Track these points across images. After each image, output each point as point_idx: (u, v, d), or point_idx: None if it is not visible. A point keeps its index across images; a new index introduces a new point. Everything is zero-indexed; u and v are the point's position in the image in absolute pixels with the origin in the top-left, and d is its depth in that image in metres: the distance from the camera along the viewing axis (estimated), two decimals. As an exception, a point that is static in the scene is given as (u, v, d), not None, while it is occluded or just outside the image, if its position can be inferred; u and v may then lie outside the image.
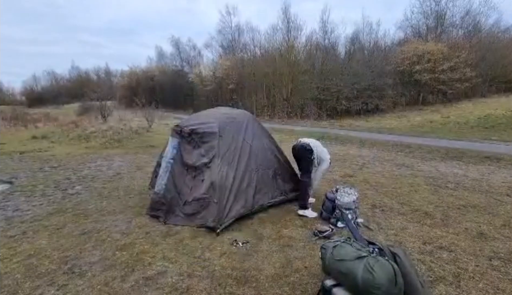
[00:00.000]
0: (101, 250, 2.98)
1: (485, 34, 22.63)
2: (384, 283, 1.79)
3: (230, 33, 32.71)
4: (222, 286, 2.38)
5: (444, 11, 22.92)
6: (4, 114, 21.48)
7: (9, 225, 3.65)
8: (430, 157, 7.46)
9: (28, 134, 12.79)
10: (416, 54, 20.13)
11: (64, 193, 4.96)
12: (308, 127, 15.81)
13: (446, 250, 2.87)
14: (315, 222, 3.57)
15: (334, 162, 7.04)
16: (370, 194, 4.60)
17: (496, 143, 9.18)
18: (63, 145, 10.38)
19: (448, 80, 19.37)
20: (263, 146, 4.08)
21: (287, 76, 23.49)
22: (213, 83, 29.74)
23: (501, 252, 2.82)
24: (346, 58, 24.77)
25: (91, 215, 3.96)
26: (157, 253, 2.91)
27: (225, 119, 3.90)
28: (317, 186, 4.19)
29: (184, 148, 3.78)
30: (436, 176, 5.65)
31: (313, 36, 25.79)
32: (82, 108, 25.21)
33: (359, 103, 19.85)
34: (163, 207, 3.67)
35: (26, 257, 2.86)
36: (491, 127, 12.22)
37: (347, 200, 3.49)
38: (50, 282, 2.47)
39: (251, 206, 3.63)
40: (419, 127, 13.93)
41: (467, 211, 3.88)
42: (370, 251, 2.04)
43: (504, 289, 2.29)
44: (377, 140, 10.21)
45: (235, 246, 3.02)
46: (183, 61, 40.99)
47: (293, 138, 11.43)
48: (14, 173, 6.23)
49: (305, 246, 3.01)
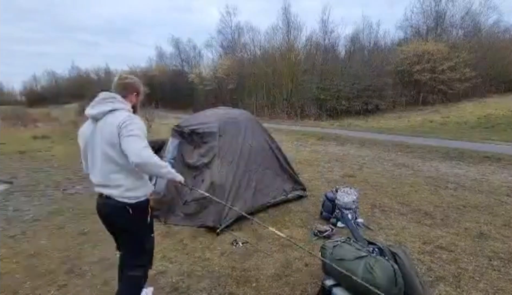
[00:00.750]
0: (101, 250, 2.98)
1: (485, 34, 22.65)
2: (384, 283, 1.79)
3: (230, 33, 32.78)
4: (222, 286, 2.38)
5: (444, 11, 22.97)
6: (4, 114, 21.46)
7: (9, 225, 3.65)
8: (430, 157, 7.46)
9: (28, 134, 12.78)
10: (416, 54, 20.13)
11: (64, 193, 4.96)
12: (308, 127, 15.82)
13: (446, 250, 2.87)
14: (315, 222, 3.57)
15: (334, 162, 7.05)
16: (370, 194, 4.60)
17: (496, 143, 9.17)
18: (63, 145, 10.37)
19: (448, 80, 19.37)
20: (263, 146, 4.08)
21: (287, 76, 23.49)
22: (213, 83, 29.74)
23: (501, 252, 2.82)
24: (346, 58, 24.77)
25: (91, 215, 3.95)
26: (157, 253, 2.90)
27: (225, 119, 3.90)
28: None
29: (184, 148, 3.78)
30: (436, 176, 5.65)
31: (313, 36, 25.86)
32: (82, 108, 25.22)
33: (359, 103, 19.85)
34: (163, 207, 3.67)
35: (26, 257, 2.86)
36: (491, 127, 12.22)
37: (347, 200, 3.49)
38: (50, 282, 2.47)
39: (251, 206, 3.63)
40: (419, 127, 13.93)
41: (467, 211, 3.88)
42: (370, 251, 2.04)
43: (504, 289, 2.29)
44: (377, 140, 10.20)
45: (235, 246, 3.02)
46: (183, 61, 41.02)
47: (293, 138, 11.48)
48: (14, 173, 6.23)
49: (305, 246, 3.00)
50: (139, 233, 1.87)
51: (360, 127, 15.12)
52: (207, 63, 35.18)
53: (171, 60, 42.42)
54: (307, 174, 5.88)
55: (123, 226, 1.81)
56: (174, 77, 37.22)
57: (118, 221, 1.81)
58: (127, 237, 1.87)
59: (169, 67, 41.39)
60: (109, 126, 1.68)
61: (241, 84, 27.25)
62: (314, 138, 11.49)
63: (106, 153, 1.69)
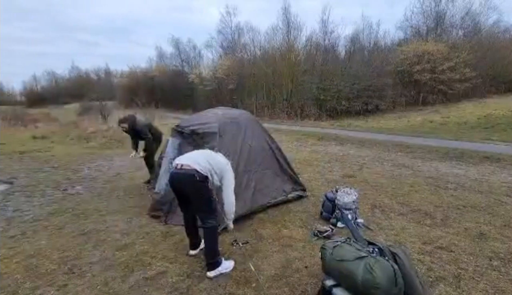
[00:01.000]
0: (101, 250, 2.98)
1: (485, 34, 22.63)
2: (384, 283, 1.79)
3: (230, 33, 32.73)
4: (222, 286, 2.38)
5: (444, 11, 22.94)
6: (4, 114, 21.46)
7: (9, 225, 3.66)
8: (430, 157, 7.46)
9: (28, 134, 12.78)
10: (416, 54, 20.11)
11: (64, 193, 4.96)
12: (308, 128, 15.81)
13: (446, 250, 2.87)
14: (315, 222, 3.57)
15: (334, 162, 7.05)
16: (370, 194, 4.60)
17: (496, 143, 9.17)
18: (63, 146, 10.38)
19: (448, 80, 19.36)
20: (262, 146, 4.08)
21: (287, 76, 23.47)
22: (213, 83, 29.70)
23: (501, 252, 2.82)
24: (346, 58, 24.74)
25: (91, 215, 3.96)
26: (157, 253, 2.91)
27: (225, 119, 3.90)
28: (231, 210, 2.69)
29: (184, 148, 3.78)
30: (436, 176, 5.65)
31: (313, 36, 25.79)
32: (82, 108, 25.24)
33: (359, 103, 19.83)
34: (164, 207, 3.67)
35: (26, 257, 2.86)
36: (491, 128, 12.20)
37: (347, 200, 3.49)
38: (50, 282, 2.47)
39: (250, 206, 3.63)
40: (419, 128, 13.92)
41: (467, 211, 3.88)
42: (370, 251, 2.04)
43: (504, 289, 2.29)
44: (377, 141, 10.20)
45: (235, 246, 3.02)
46: (183, 61, 40.97)
47: (293, 139, 11.48)
48: (14, 173, 6.23)
49: (305, 246, 3.01)
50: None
51: (360, 128, 15.12)
52: (207, 64, 35.17)
53: (171, 61, 42.44)
54: (307, 174, 5.88)
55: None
56: (174, 77, 37.19)
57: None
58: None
59: (169, 67, 41.37)
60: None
61: (241, 84, 27.23)
62: (314, 138, 11.49)
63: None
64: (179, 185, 2.59)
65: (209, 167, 2.54)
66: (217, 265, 2.52)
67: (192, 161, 2.54)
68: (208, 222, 2.54)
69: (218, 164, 2.62)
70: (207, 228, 2.54)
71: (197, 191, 2.50)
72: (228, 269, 2.57)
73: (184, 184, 2.54)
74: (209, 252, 2.55)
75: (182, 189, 2.60)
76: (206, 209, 2.56)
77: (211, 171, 2.55)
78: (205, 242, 2.61)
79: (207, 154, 2.73)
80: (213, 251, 2.54)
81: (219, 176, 2.61)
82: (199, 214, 2.68)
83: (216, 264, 2.52)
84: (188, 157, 2.64)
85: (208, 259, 2.53)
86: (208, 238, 2.57)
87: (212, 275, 2.49)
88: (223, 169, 2.62)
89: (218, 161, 2.65)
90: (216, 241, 2.59)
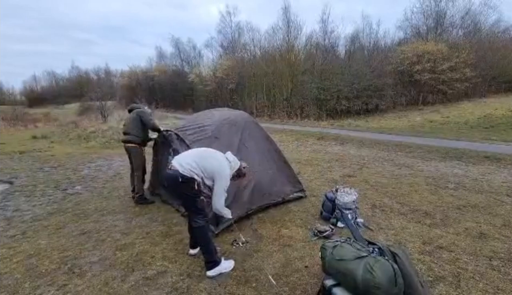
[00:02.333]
0: (101, 250, 2.98)
1: (485, 34, 22.63)
2: (384, 283, 1.79)
3: (230, 33, 32.74)
4: (222, 286, 2.38)
5: (444, 11, 22.93)
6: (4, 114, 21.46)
7: (9, 225, 3.66)
8: (430, 157, 7.46)
9: (28, 134, 12.79)
10: (416, 54, 20.10)
11: (64, 193, 4.96)
12: (308, 127, 15.81)
13: (446, 250, 2.87)
14: (315, 221, 3.57)
15: (334, 162, 7.05)
16: (370, 194, 4.60)
17: (496, 143, 9.17)
18: (63, 145, 10.38)
19: (448, 80, 19.35)
20: (261, 147, 4.07)
21: (287, 76, 23.48)
22: (213, 83, 29.72)
23: (501, 252, 2.82)
24: (346, 58, 24.74)
25: (91, 215, 3.96)
26: (157, 253, 2.91)
27: (222, 121, 3.90)
28: (220, 213, 2.68)
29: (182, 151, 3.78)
30: (436, 176, 5.65)
31: (313, 36, 25.81)
32: (82, 108, 25.28)
33: (359, 103, 19.82)
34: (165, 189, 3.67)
35: (26, 257, 2.86)
36: (491, 128, 12.21)
37: (347, 200, 3.49)
38: (50, 282, 2.47)
39: (250, 207, 3.63)
40: (419, 127, 13.92)
41: (467, 211, 3.88)
42: (370, 251, 2.04)
43: (504, 289, 2.29)
44: (377, 140, 10.20)
45: (235, 246, 3.02)
46: (183, 61, 41.03)
47: (293, 138, 11.48)
48: (14, 173, 6.23)
49: (305, 245, 3.01)
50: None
51: (360, 127, 15.12)
52: (207, 63, 35.19)
53: (171, 60, 42.51)
54: (307, 174, 5.88)
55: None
56: (174, 77, 37.23)
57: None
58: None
59: (169, 67, 41.40)
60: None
61: (241, 84, 27.24)
62: (314, 138, 11.49)
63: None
64: (168, 185, 2.66)
65: (195, 168, 2.49)
66: (216, 264, 2.53)
67: (177, 161, 2.53)
68: (195, 221, 2.56)
69: (209, 166, 2.52)
70: (195, 227, 2.57)
71: (182, 192, 2.53)
72: (228, 269, 2.58)
73: (170, 185, 2.59)
74: (204, 251, 2.57)
75: (171, 189, 2.70)
76: (193, 209, 2.58)
77: (197, 171, 2.49)
78: (198, 241, 2.67)
79: (198, 154, 2.63)
80: (208, 250, 2.54)
81: (208, 177, 2.55)
82: (188, 213, 2.72)
83: (215, 263, 2.53)
84: (178, 157, 2.63)
85: (205, 258, 2.54)
86: (198, 237, 2.62)
87: (212, 274, 2.49)
88: (214, 172, 2.53)
89: (210, 162, 2.55)
90: (208, 240, 2.58)
